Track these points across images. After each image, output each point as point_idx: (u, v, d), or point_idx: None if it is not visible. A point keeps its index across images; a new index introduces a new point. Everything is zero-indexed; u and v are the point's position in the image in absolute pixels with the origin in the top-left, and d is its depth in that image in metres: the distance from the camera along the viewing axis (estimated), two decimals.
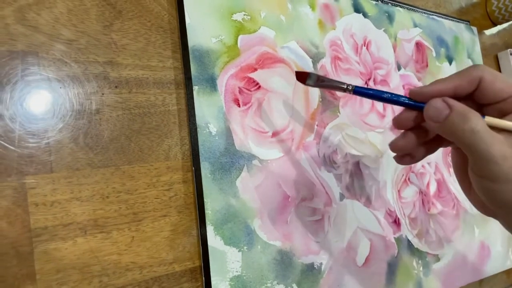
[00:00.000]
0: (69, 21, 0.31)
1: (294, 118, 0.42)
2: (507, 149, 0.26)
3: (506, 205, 0.27)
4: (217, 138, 0.36)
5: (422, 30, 0.60)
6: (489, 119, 0.27)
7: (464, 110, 0.27)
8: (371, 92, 0.32)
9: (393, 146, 0.32)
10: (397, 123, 0.32)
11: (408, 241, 0.49)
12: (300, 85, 0.43)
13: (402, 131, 0.32)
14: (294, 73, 0.37)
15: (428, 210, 0.53)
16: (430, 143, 0.32)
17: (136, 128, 0.33)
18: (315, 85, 0.35)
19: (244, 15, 0.40)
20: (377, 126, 0.50)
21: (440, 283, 0.51)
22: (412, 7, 0.60)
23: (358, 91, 0.32)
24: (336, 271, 0.41)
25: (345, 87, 0.32)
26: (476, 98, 0.29)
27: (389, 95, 0.31)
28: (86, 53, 0.32)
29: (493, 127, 0.27)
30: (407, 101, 0.30)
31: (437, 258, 0.52)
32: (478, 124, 0.26)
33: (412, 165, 0.53)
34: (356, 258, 0.44)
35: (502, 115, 0.28)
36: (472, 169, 0.28)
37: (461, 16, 0.72)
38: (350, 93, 0.33)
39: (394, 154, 0.33)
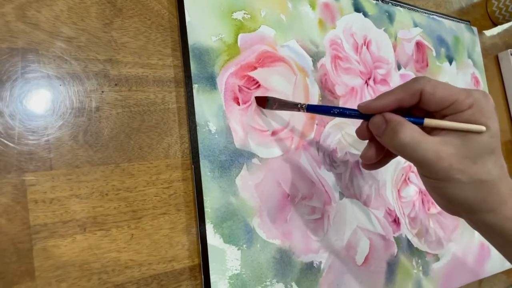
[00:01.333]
0: (69, 18, 0.31)
1: (294, 117, 0.42)
2: (443, 149, 0.28)
3: (453, 201, 0.30)
4: (216, 136, 0.36)
5: (422, 30, 0.60)
6: (428, 121, 0.30)
7: (395, 123, 0.29)
8: (322, 108, 0.36)
9: (363, 157, 0.35)
10: (358, 134, 0.35)
11: (408, 240, 0.49)
12: (300, 83, 0.43)
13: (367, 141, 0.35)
14: (254, 99, 0.39)
15: (428, 210, 0.53)
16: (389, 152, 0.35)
17: (135, 126, 0.33)
18: (274, 108, 0.39)
19: (244, 13, 0.40)
20: None
21: (439, 283, 0.51)
22: (412, 7, 0.60)
23: (311, 109, 0.36)
24: (335, 270, 0.41)
25: (299, 106, 0.36)
26: (423, 107, 0.30)
27: (339, 110, 0.34)
28: (86, 50, 0.32)
29: (436, 128, 0.29)
30: (354, 114, 0.33)
31: (437, 258, 0.52)
32: (407, 136, 0.28)
33: (412, 164, 0.53)
34: (356, 257, 0.44)
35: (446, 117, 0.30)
36: (420, 173, 0.31)
37: (462, 16, 0.72)
38: (304, 111, 0.36)
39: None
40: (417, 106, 0.31)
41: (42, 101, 0.30)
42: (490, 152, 0.28)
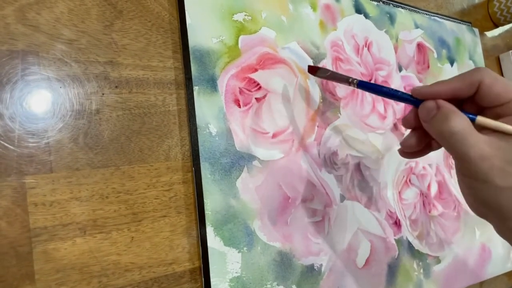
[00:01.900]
0: (69, 20, 0.31)
1: (294, 119, 0.42)
2: (487, 149, 0.27)
3: (486, 204, 0.28)
4: (217, 138, 0.36)
5: (423, 31, 0.60)
6: (480, 119, 0.28)
7: (448, 110, 0.28)
8: (373, 86, 0.35)
9: (403, 143, 0.34)
10: (404, 122, 0.34)
11: (409, 242, 0.49)
12: (301, 85, 0.43)
13: (409, 131, 0.34)
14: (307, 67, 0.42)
15: (429, 212, 0.53)
16: (434, 141, 0.33)
17: (136, 128, 0.33)
18: (324, 77, 0.40)
19: (245, 15, 0.40)
20: (378, 127, 0.50)
21: (440, 285, 0.51)
22: (413, 8, 0.60)
23: (361, 85, 0.35)
24: (336, 272, 0.41)
25: (350, 80, 0.36)
26: (477, 101, 0.29)
27: (390, 90, 0.33)
28: (86, 53, 0.32)
29: (486, 128, 0.28)
30: (405, 97, 0.32)
31: (438, 260, 0.52)
32: (458, 125, 0.27)
33: (413, 167, 0.53)
34: (356, 259, 0.43)
35: (500, 118, 0.28)
36: (457, 168, 0.30)
37: (463, 17, 0.72)
38: (354, 87, 0.36)
39: (395, 154, 0.34)
40: (472, 100, 0.30)
41: (42, 104, 0.30)
42: None
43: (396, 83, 0.54)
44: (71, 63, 0.31)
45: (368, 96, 0.49)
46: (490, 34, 0.77)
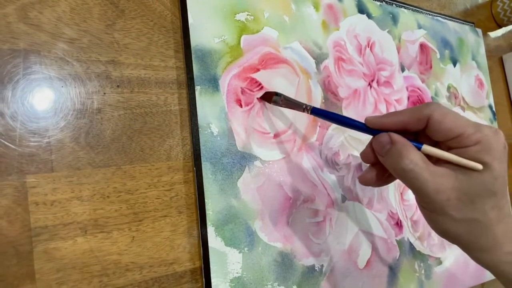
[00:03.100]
0: (71, 19, 0.31)
1: (296, 119, 0.42)
2: (442, 182, 0.27)
3: (448, 235, 0.29)
4: (218, 138, 0.36)
5: (426, 32, 0.60)
6: (426, 148, 0.29)
7: (401, 146, 0.28)
8: (326, 114, 0.35)
9: (361, 180, 0.34)
10: (363, 157, 0.33)
11: (410, 243, 0.49)
12: (303, 85, 0.42)
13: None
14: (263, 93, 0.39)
15: None
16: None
17: (137, 127, 0.33)
18: (279, 105, 0.38)
19: (247, 15, 0.40)
20: None
21: (441, 287, 0.51)
22: (416, 8, 0.60)
23: (315, 112, 0.35)
24: (337, 273, 0.41)
25: (304, 107, 0.36)
26: (429, 135, 0.29)
27: (343, 118, 0.33)
28: (88, 52, 0.32)
29: (439, 159, 0.28)
30: (358, 125, 0.32)
31: (439, 261, 0.52)
32: (412, 162, 0.27)
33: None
34: (358, 260, 0.43)
35: (451, 150, 0.28)
36: (416, 200, 0.30)
37: (466, 17, 0.71)
38: (307, 113, 0.36)
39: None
40: (424, 133, 0.30)
41: (43, 103, 0.30)
42: (491, 194, 0.27)
43: (399, 84, 0.54)
44: (72, 62, 0.31)
45: (370, 96, 0.49)
46: (493, 34, 0.77)
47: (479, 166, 0.27)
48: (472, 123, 0.28)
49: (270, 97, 0.38)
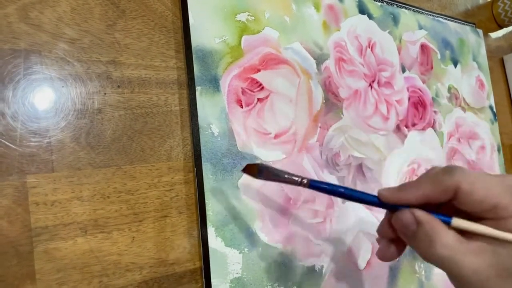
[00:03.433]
0: (72, 20, 0.31)
1: (297, 119, 0.42)
2: (479, 260, 0.24)
3: None
4: (219, 139, 0.36)
5: (427, 32, 0.60)
6: (458, 222, 0.25)
7: (430, 229, 0.25)
8: (329, 187, 0.29)
9: (381, 257, 0.30)
10: (380, 233, 0.30)
11: None
12: (303, 86, 0.42)
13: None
14: (245, 166, 0.32)
15: None
16: None
17: (138, 128, 0.33)
18: (267, 179, 0.31)
19: (248, 15, 0.40)
20: (380, 129, 0.50)
21: (441, 287, 0.51)
22: (417, 9, 0.60)
23: (314, 186, 0.29)
24: (337, 274, 0.41)
25: (299, 181, 0.29)
26: (456, 205, 0.25)
27: (351, 192, 0.28)
28: (89, 52, 0.32)
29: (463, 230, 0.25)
30: (370, 200, 0.28)
31: None
32: (446, 246, 0.24)
33: (416, 168, 0.53)
34: (358, 261, 0.43)
35: (483, 220, 0.25)
36: (452, 282, 0.27)
37: (467, 18, 0.71)
38: (305, 187, 0.29)
39: (397, 155, 0.32)
40: (448, 203, 0.26)
41: (44, 103, 0.30)
42: None
43: (399, 84, 0.54)
44: (73, 62, 0.31)
45: (371, 97, 0.49)
46: (494, 35, 0.77)
47: None
48: (507, 189, 0.24)
49: (254, 171, 0.32)
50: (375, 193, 0.28)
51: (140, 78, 0.34)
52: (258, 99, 0.39)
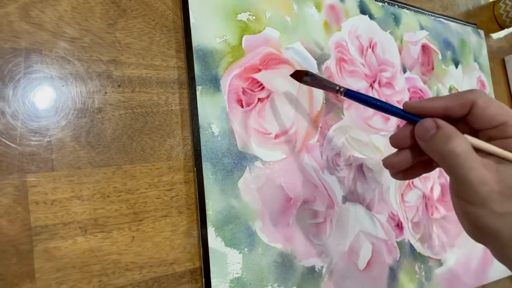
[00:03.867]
0: (73, 19, 0.31)
1: (297, 119, 0.41)
2: (487, 174, 0.26)
3: (483, 230, 0.27)
4: (219, 138, 0.36)
5: (428, 33, 0.60)
6: (471, 140, 0.27)
7: (449, 131, 0.27)
8: (362, 97, 0.32)
9: (386, 162, 0.32)
10: (394, 141, 0.32)
11: (411, 245, 0.49)
12: (304, 86, 0.42)
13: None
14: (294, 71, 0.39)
15: (432, 215, 0.53)
16: (426, 162, 0.32)
17: (138, 127, 0.33)
18: (310, 84, 0.37)
19: (249, 15, 0.40)
20: (381, 129, 0.49)
21: None
22: (419, 9, 0.60)
23: (349, 94, 0.33)
24: (337, 274, 0.41)
25: (337, 88, 0.34)
26: (469, 123, 0.28)
27: (381, 103, 0.31)
28: (89, 51, 0.32)
29: (480, 150, 0.27)
30: (396, 111, 0.30)
31: (440, 263, 0.52)
32: (460, 146, 0.26)
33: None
34: (358, 262, 0.43)
35: (492, 140, 0.28)
36: (453, 190, 0.29)
37: (468, 18, 0.71)
38: (341, 95, 0.34)
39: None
40: (464, 122, 0.29)
41: (44, 102, 0.30)
42: None
43: (400, 85, 0.53)
44: (74, 61, 0.31)
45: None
46: (495, 36, 0.77)
47: None
48: None
49: (301, 77, 0.38)
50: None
51: (141, 78, 0.34)
52: (259, 99, 0.39)
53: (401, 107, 0.30)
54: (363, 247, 0.44)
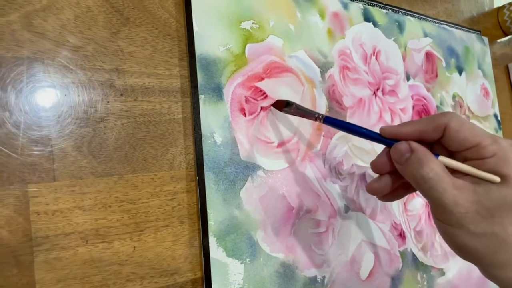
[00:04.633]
0: (76, 27, 0.31)
1: (300, 128, 0.41)
2: (460, 195, 0.26)
3: (464, 250, 0.28)
4: (222, 148, 0.36)
5: (432, 40, 0.59)
6: (443, 159, 0.28)
7: (422, 154, 0.28)
8: (340, 123, 0.34)
9: (369, 189, 0.33)
10: (375, 167, 0.32)
11: (413, 254, 0.49)
12: (307, 94, 0.42)
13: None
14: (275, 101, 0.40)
15: (434, 223, 0.52)
16: (408, 184, 0.32)
17: (140, 136, 0.33)
18: (291, 113, 0.38)
19: (253, 23, 0.39)
20: None
21: None
22: (423, 16, 0.59)
23: (328, 121, 0.34)
24: (339, 284, 0.41)
25: (316, 116, 0.35)
26: (445, 145, 0.29)
27: (358, 128, 0.32)
28: (92, 60, 0.31)
29: (457, 171, 0.28)
30: (372, 135, 0.31)
31: (442, 272, 0.51)
32: (432, 170, 0.27)
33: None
34: (360, 271, 0.43)
35: (467, 161, 0.28)
36: (432, 212, 0.29)
37: (473, 25, 0.71)
38: (320, 122, 0.35)
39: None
40: (439, 143, 0.29)
41: (46, 111, 0.29)
42: (510, 207, 0.26)
43: (404, 93, 0.53)
44: (76, 70, 0.31)
45: (375, 105, 0.49)
46: (499, 42, 0.76)
47: (497, 179, 0.26)
48: (489, 134, 0.27)
49: (281, 106, 0.39)
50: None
51: (143, 86, 0.34)
52: (262, 108, 0.39)
53: (378, 131, 0.31)
54: (365, 256, 0.44)
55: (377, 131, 0.31)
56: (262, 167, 0.38)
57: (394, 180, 0.32)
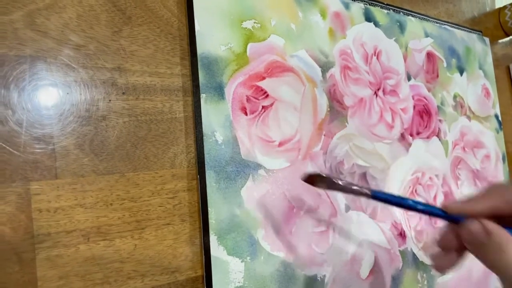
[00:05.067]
0: (78, 26, 0.31)
1: (301, 127, 0.41)
2: None
3: None
4: (223, 146, 0.36)
5: (433, 40, 0.60)
6: None
7: (501, 239, 0.25)
8: (393, 199, 0.30)
9: (438, 267, 0.30)
10: (441, 243, 0.30)
11: (413, 254, 0.49)
12: (308, 94, 0.42)
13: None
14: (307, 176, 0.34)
15: (435, 223, 0.53)
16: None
17: (142, 135, 0.33)
18: (328, 189, 0.33)
19: (254, 23, 0.40)
20: (385, 137, 0.49)
21: None
22: (424, 17, 0.59)
23: (376, 197, 0.30)
24: (339, 283, 0.41)
25: (364, 192, 0.30)
26: None
27: (416, 204, 0.29)
28: (94, 59, 0.32)
29: None
30: (435, 212, 0.29)
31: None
32: None
33: (420, 177, 0.52)
34: (360, 270, 0.43)
35: None
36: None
37: (474, 25, 0.71)
38: (368, 198, 0.31)
39: (402, 164, 0.32)
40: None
41: (48, 109, 0.30)
42: None
43: (405, 92, 0.53)
44: (78, 69, 0.31)
45: (376, 105, 0.49)
46: (500, 43, 0.77)
47: None
48: None
49: (314, 182, 0.34)
50: None
51: (145, 85, 0.34)
52: (263, 107, 0.39)
53: (437, 205, 0.29)
54: (366, 255, 0.44)
55: (436, 208, 0.29)
56: (263, 166, 0.38)
57: (462, 256, 0.29)
